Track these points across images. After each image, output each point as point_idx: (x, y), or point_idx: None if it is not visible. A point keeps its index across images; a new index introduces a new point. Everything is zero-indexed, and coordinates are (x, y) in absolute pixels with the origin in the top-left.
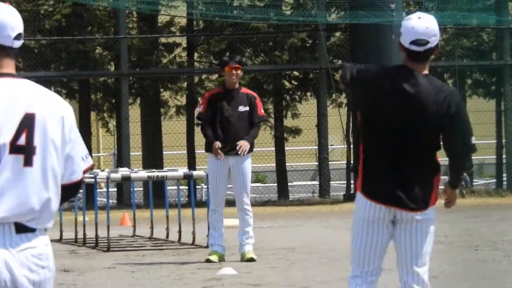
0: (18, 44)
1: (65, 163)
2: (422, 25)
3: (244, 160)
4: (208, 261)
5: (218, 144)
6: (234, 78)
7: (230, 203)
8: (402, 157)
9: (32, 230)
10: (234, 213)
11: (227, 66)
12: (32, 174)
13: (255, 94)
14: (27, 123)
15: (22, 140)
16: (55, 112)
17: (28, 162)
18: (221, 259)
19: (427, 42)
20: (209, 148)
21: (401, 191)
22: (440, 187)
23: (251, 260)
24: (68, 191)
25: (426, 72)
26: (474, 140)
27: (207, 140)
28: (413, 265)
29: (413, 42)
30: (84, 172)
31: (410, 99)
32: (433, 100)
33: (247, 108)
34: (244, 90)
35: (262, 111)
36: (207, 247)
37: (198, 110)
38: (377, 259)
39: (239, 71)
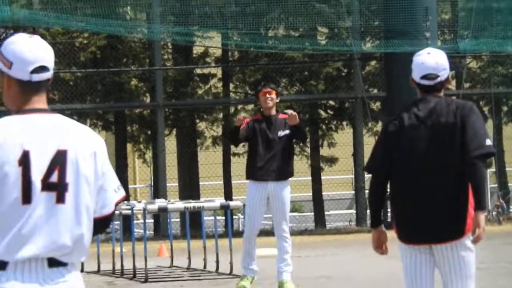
0: (38, 77)
1: (96, 197)
2: (432, 60)
3: (283, 187)
4: (241, 287)
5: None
6: (269, 102)
7: (267, 232)
8: (431, 191)
9: (65, 264)
10: (271, 242)
11: (261, 92)
12: (65, 211)
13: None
14: (59, 160)
15: (54, 177)
16: (87, 147)
17: (60, 199)
18: (252, 281)
19: (437, 76)
20: (250, 175)
21: (433, 227)
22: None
23: None
24: (100, 225)
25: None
26: (489, 142)
27: (235, 132)
28: None
29: (424, 77)
30: (117, 204)
31: (427, 119)
32: (446, 111)
33: (286, 132)
34: (282, 116)
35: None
36: (230, 273)
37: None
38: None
39: (273, 95)
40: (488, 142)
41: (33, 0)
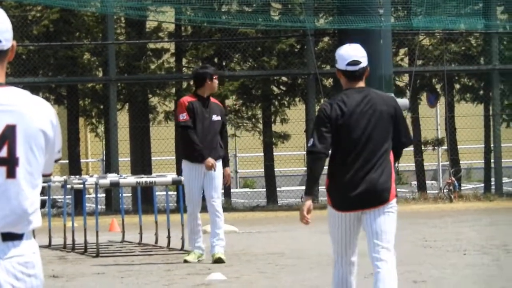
0: None
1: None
2: (353, 50)
3: (217, 166)
4: (185, 261)
5: (211, 160)
6: (215, 88)
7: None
8: (366, 166)
9: (20, 236)
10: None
11: (212, 77)
12: (16, 185)
13: (221, 104)
14: (9, 135)
15: (3, 152)
16: (38, 120)
17: (11, 174)
18: (200, 258)
19: (360, 62)
20: (187, 155)
21: (366, 194)
22: None
23: (220, 260)
24: None
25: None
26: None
27: (196, 149)
28: (379, 241)
29: (349, 64)
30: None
31: (368, 111)
32: (380, 101)
33: (219, 118)
34: (212, 99)
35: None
36: (181, 249)
37: (182, 118)
38: (354, 246)
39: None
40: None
41: None
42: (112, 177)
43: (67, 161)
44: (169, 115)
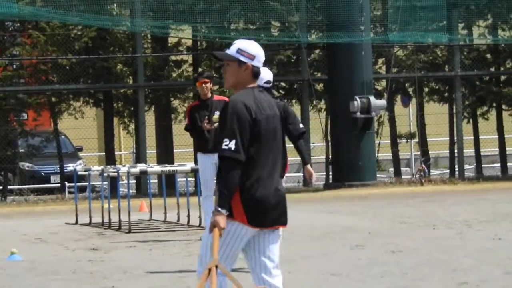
0: None
1: None
2: (269, 73)
3: None
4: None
5: (204, 123)
6: (205, 90)
7: None
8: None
9: None
10: None
11: (197, 81)
12: None
13: (226, 99)
14: None
15: None
16: None
17: None
18: None
19: (271, 82)
20: (199, 148)
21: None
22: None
23: None
24: None
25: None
26: (302, 125)
27: (196, 138)
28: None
29: (266, 82)
30: None
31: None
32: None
33: None
34: (216, 97)
35: None
36: (199, 225)
37: (186, 123)
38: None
39: (208, 84)
40: (301, 125)
41: None
42: (141, 166)
43: (104, 153)
44: None
